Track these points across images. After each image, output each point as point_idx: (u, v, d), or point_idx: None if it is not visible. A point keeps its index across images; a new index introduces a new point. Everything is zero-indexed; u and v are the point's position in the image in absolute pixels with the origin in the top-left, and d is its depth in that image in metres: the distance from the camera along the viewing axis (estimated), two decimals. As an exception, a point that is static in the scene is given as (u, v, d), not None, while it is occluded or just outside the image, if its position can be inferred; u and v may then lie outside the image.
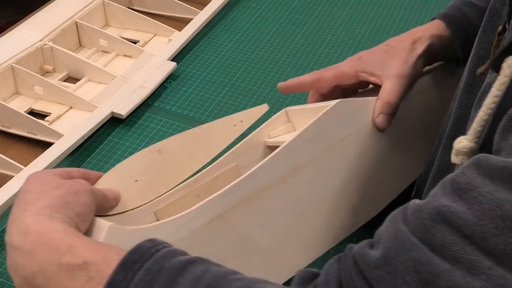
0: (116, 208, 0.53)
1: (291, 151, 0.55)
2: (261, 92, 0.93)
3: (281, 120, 0.66)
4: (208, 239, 0.51)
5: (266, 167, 0.54)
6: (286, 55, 1.02)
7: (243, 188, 0.52)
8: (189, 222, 0.49)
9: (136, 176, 0.55)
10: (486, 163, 0.35)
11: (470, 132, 0.41)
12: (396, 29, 1.09)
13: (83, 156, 0.81)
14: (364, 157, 0.63)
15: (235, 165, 0.62)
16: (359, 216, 0.66)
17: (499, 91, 0.39)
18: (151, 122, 0.87)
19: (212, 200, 0.50)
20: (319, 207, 0.60)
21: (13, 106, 0.82)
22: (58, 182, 0.46)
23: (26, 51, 0.89)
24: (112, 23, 1.06)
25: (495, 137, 0.38)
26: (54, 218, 0.43)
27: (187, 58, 1.01)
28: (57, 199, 0.44)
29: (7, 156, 0.76)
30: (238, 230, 0.53)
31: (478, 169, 0.36)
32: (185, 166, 0.60)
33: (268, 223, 0.56)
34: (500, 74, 0.39)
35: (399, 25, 1.11)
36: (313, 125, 0.57)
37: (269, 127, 0.65)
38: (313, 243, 0.62)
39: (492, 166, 0.35)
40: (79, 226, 0.44)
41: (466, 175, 0.36)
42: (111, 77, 0.91)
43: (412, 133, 0.69)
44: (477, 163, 0.36)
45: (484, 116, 0.40)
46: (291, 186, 0.56)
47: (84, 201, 0.46)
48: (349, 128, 0.60)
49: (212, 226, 0.51)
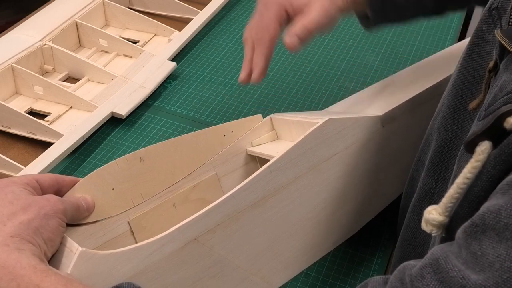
0: (90, 216, 0.52)
1: (273, 171, 0.54)
2: (261, 92, 0.93)
3: (265, 128, 0.65)
4: (183, 262, 0.50)
5: (246, 189, 0.52)
6: (286, 55, 1.02)
7: (222, 210, 0.51)
8: (163, 246, 0.47)
9: (114, 184, 0.54)
10: (445, 273, 0.36)
11: (440, 206, 0.42)
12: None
13: (83, 156, 0.81)
14: (347, 177, 0.62)
15: (215, 173, 0.61)
16: (339, 234, 0.66)
17: (471, 174, 0.40)
18: (151, 122, 0.87)
19: (189, 223, 0.49)
20: (299, 227, 0.59)
21: (13, 106, 0.82)
22: (27, 201, 0.44)
23: (26, 51, 0.89)
24: (112, 23, 1.06)
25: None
26: (23, 250, 0.41)
27: (187, 58, 1.01)
28: (25, 225, 0.42)
29: (7, 156, 0.76)
30: (215, 251, 0.52)
31: (437, 273, 0.37)
32: (168, 175, 0.58)
33: (247, 244, 0.55)
34: (473, 157, 0.40)
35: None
36: (298, 145, 0.55)
37: (252, 135, 0.64)
38: (292, 261, 0.61)
39: (452, 280, 0.36)
40: (47, 253, 0.43)
41: (425, 280, 0.37)
42: (111, 77, 0.91)
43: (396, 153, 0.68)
44: (437, 268, 0.37)
45: (455, 194, 0.41)
46: (272, 207, 0.55)
47: (53, 225, 0.44)
48: (336, 147, 0.59)
49: (187, 249, 0.49)
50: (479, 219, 0.36)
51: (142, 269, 0.46)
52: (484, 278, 0.34)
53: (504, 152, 0.39)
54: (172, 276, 0.49)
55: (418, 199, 0.58)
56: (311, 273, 0.66)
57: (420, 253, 0.56)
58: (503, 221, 0.34)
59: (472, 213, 0.38)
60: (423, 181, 0.57)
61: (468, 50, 0.52)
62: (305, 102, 0.92)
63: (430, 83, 0.69)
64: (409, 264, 0.41)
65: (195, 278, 0.51)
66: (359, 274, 0.67)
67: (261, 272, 0.57)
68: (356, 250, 0.70)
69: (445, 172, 0.54)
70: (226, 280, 0.54)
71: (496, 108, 0.40)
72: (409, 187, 0.64)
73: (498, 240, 0.34)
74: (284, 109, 0.90)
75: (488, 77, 0.47)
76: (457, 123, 0.52)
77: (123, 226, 0.55)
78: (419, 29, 1.09)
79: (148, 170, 0.56)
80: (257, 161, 0.65)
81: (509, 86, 0.41)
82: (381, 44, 1.05)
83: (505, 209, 0.35)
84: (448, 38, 1.07)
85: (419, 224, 0.44)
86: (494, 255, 0.34)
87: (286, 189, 0.55)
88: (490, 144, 0.39)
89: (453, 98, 0.53)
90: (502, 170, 0.39)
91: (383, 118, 0.64)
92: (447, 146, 0.54)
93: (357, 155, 0.61)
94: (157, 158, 0.57)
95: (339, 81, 0.96)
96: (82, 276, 0.43)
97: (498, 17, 0.47)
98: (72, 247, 0.44)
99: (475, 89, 0.50)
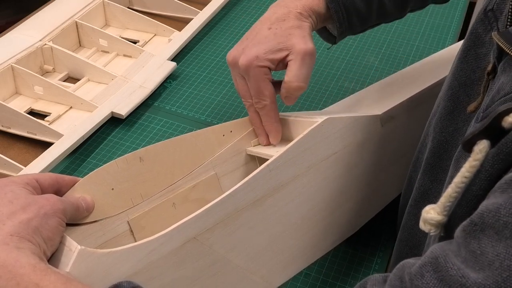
0: (89, 216, 0.52)
1: (273, 170, 0.54)
2: (261, 92, 0.93)
3: None
4: (182, 261, 0.49)
5: (245, 187, 0.52)
6: (286, 55, 1.02)
7: (221, 208, 0.51)
8: (162, 245, 0.47)
9: (113, 184, 0.54)
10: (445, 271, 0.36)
11: (439, 205, 0.42)
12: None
13: (83, 156, 0.81)
14: (347, 176, 0.62)
15: (214, 173, 0.61)
16: (338, 234, 0.66)
17: (469, 172, 0.40)
18: (151, 122, 0.87)
19: (188, 222, 0.48)
20: (299, 226, 0.59)
21: (13, 106, 0.82)
22: (27, 200, 0.44)
23: (26, 51, 0.89)
24: (112, 23, 1.06)
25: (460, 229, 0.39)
26: (22, 249, 0.41)
27: (187, 58, 1.01)
28: (25, 224, 0.42)
29: (7, 156, 0.76)
30: (215, 250, 0.52)
31: (436, 272, 0.37)
32: (167, 175, 0.58)
33: (246, 242, 0.54)
34: (471, 156, 0.40)
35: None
36: (297, 144, 0.55)
37: (252, 134, 0.64)
38: (291, 261, 0.61)
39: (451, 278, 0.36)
40: (46, 252, 0.43)
41: (424, 278, 0.37)
42: (111, 77, 0.91)
43: (396, 152, 0.68)
44: (436, 267, 0.37)
45: (453, 193, 0.41)
46: (271, 206, 0.55)
47: (53, 225, 0.44)
48: (335, 146, 0.59)
49: (186, 248, 0.49)
50: (478, 218, 0.36)
51: (141, 268, 0.46)
52: (483, 276, 0.34)
53: (502, 151, 0.39)
54: (171, 274, 0.49)
55: (414, 200, 0.58)
56: (311, 273, 0.66)
57: (417, 254, 0.56)
58: (502, 220, 0.34)
59: (471, 212, 0.38)
60: (419, 182, 0.57)
61: (464, 52, 0.52)
62: (305, 102, 0.92)
63: (430, 83, 0.70)
64: (409, 263, 0.41)
65: (194, 277, 0.51)
66: (359, 274, 0.67)
67: (261, 271, 0.57)
68: (356, 250, 0.70)
69: (441, 173, 0.54)
70: (225, 279, 0.54)
71: (494, 110, 0.40)
72: (407, 187, 0.64)
73: (497, 238, 0.34)
74: (284, 109, 0.90)
75: (487, 80, 0.47)
76: (453, 125, 0.52)
77: (123, 226, 0.55)
78: (419, 29, 1.09)
79: (147, 170, 0.56)
80: (256, 161, 0.65)
81: (506, 88, 0.41)
82: (381, 44, 1.05)
83: (504, 207, 0.35)
84: (448, 38, 1.07)
85: (415, 225, 0.44)
86: (493, 254, 0.34)
87: (285, 188, 0.55)
88: (488, 143, 0.39)
89: (448, 100, 0.53)
90: (500, 169, 0.39)
91: (382, 117, 0.64)
92: (443, 147, 0.54)
93: (356, 154, 0.61)
94: (157, 158, 0.57)
95: (339, 81, 0.96)
96: (81, 274, 0.43)
97: (495, 19, 0.47)
98: (71, 245, 0.45)
99: (471, 91, 0.50)
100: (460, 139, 0.51)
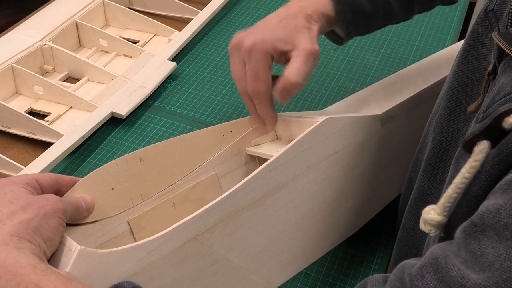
0: (89, 216, 0.52)
1: (273, 170, 0.54)
2: (261, 92, 0.93)
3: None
4: (182, 261, 0.49)
5: (245, 187, 0.52)
6: (286, 55, 1.02)
7: (221, 208, 0.50)
8: (161, 245, 0.47)
9: (113, 184, 0.54)
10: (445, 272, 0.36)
11: (439, 206, 0.42)
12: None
13: (83, 156, 0.81)
14: (347, 176, 0.62)
15: (214, 173, 0.61)
16: (338, 234, 0.66)
17: (469, 173, 0.40)
18: (151, 122, 0.87)
19: (188, 222, 0.48)
20: (299, 226, 0.59)
21: (13, 106, 0.82)
22: (26, 200, 0.44)
23: (26, 51, 0.89)
24: (112, 23, 1.06)
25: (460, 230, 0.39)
26: (22, 249, 0.41)
27: (187, 58, 1.01)
28: (25, 224, 0.42)
29: (7, 156, 0.76)
30: (215, 250, 0.52)
31: (436, 273, 0.37)
32: (167, 175, 0.58)
33: (246, 242, 0.54)
34: (471, 157, 0.40)
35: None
36: (297, 144, 0.55)
37: (252, 134, 0.64)
38: (291, 261, 0.61)
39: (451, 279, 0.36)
40: (46, 252, 0.43)
41: (425, 279, 0.37)
42: (111, 77, 0.91)
43: (396, 152, 0.68)
44: (436, 267, 0.37)
45: (453, 194, 0.41)
46: (271, 206, 0.55)
47: (53, 225, 0.44)
48: (335, 146, 0.59)
49: (186, 248, 0.49)
50: (478, 218, 0.36)
51: (141, 268, 0.46)
52: (484, 277, 0.34)
53: (502, 152, 0.39)
54: (171, 275, 0.49)
55: (414, 200, 0.58)
56: (311, 273, 0.66)
57: (416, 254, 0.56)
58: (502, 221, 0.34)
59: (471, 213, 0.38)
60: (419, 182, 0.57)
61: (464, 52, 0.52)
62: (305, 102, 0.92)
63: (430, 83, 0.70)
64: (409, 263, 0.41)
65: (194, 277, 0.51)
66: (359, 274, 0.67)
67: (261, 271, 0.57)
68: (356, 250, 0.70)
69: (441, 173, 0.54)
70: (226, 279, 0.54)
71: (494, 110, 0.40)
72: (407, 188, 0.64)
73: (497, 239, 0.34)
74: (284, 109, 0.90)
75: (487, 80, 0.47)
76: (453, 125, 0.52)
77: (123, 226, 0.55)
78: (419, 29, 1.09)
79: (147, 170, 0.56)
80: (256, 161, 0.64)
81: (506, 88, 0.41)
82: (381, 44, 1.05)
83: (505, 208, 0.35)
84: (448, 38, 1.07)
85: (415, 225, 0.44)
86: (493, 255, 0.34)
87: (285, 188, 0.55)
88: (488, 144, 0.39)
89: (449, 100, 0.53)
90: (500, 169, 0.39)
91: (382, 117, 0.64)
92: (443, 148, 0.54)
93: (356, 154, 0.61)
94: (157, 158, 0.57)
95: (339, 81, 0.96)
96: (81, 274, 0.43)
97: (495, 20, 0.47)
98: (71, 245, 0.44)
99: (471, 91, 0.50)
100: (460, 140, 0.51)
